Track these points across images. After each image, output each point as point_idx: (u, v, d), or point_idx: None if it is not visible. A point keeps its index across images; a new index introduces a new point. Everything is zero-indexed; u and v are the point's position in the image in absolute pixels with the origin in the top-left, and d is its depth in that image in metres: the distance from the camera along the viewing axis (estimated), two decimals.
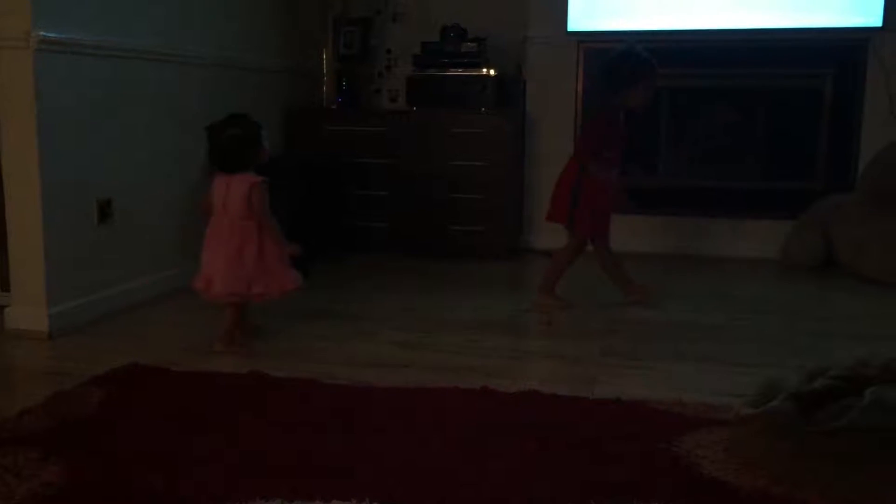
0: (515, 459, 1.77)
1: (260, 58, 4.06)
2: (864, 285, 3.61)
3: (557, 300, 3.22)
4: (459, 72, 4.26)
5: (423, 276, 2.93)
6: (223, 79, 3.71)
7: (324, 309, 3.12)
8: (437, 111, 4.20)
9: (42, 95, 2.66)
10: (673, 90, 3.35)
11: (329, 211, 4.09)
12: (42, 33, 2.61)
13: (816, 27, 4.04)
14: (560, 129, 4.38)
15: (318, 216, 3.95)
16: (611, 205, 3.18)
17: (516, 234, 4.40)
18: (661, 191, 4.31)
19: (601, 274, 3.26)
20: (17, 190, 2.72)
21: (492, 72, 4.24)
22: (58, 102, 2.73)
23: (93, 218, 2.95)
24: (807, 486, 1.54)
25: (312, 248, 3.81)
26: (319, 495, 1.57)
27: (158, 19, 3.25)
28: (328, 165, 4.10)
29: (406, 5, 4.65)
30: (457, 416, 2.01)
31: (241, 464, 1.74)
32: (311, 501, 1.54)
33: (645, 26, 4.19)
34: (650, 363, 2.53)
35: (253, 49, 4.00)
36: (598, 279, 3.32)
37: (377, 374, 2.36)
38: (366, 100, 4.71)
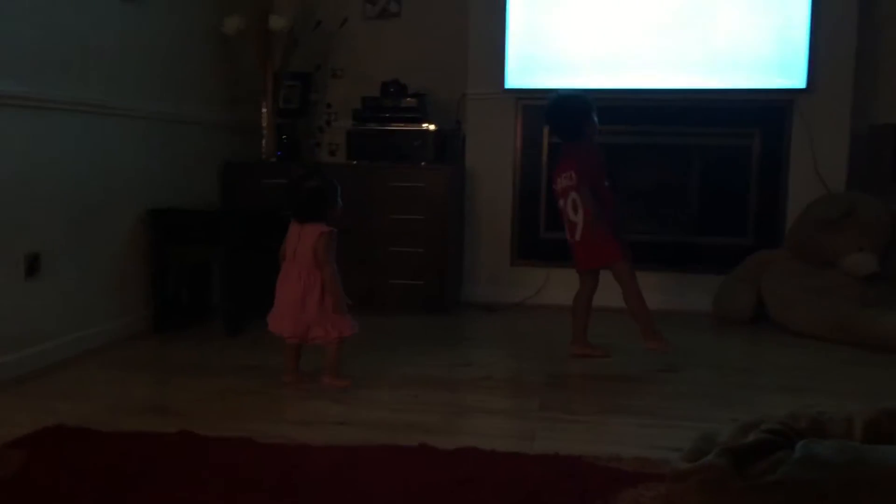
0: None
1: (199, 111, 4.03)
2: (792, 339, 3.70)
3: (593, 348, 3.27)
4: (400, 126, 4.31)
5: (361, 330, 2.90)
6: (161, 132, 3.67)
7: (258, 365, 3.06)
8: (378, 165, 4.22)
9: None
10: (607, 147, 3.44)
11: (266, 265, 4.03)
12: None
13: (745, 88, 4.20)
14: (499, 182, 4.45)
15: (255, 271, 3.89)
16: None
17: (456, 287, 4.41)
18: None
19: (546, 325, 3.27)
20: None
21: (431, 126, 4.30)
22: None
23: (20, 272, 2.86)
24: None
25: (247, 305, 3.76)
26: None
27: (93, 73, 3.21)
28: (267, 220, 4.05)
29: (346, 61, 4.69)
30: (394, 476, 1.97)
31: None
32: None
33: (580, 84, 4.29)
34: (588, 417, 2.54)
35: (192, 103, 3.97)
36: (539, 331, 3.33)
37: (313, 433, 2.31)
38: (305, 154, 4.71)
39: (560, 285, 4.30)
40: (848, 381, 3.04)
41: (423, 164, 4.20)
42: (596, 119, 3.24)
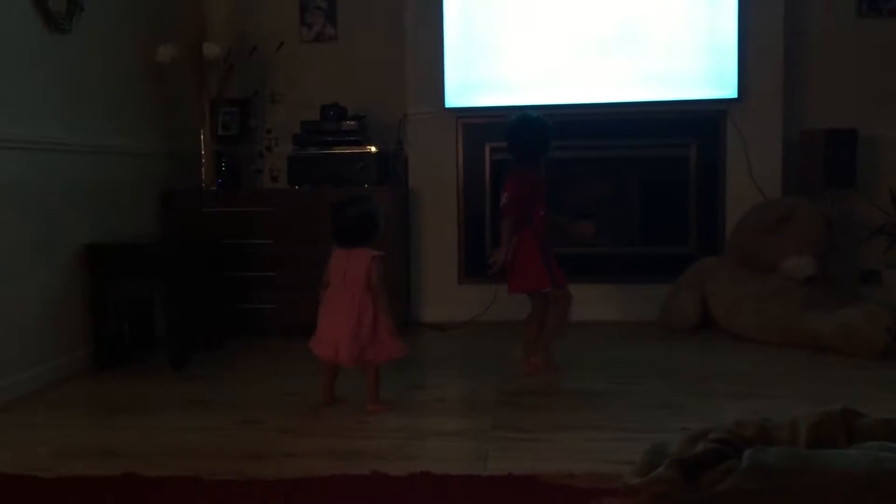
0: None
1: (135, 142, 3.96)
2: (738, 343, 3.76)
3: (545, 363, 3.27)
4: (341, 149, 4.28)
5: (308, 358, 2.86)
6: (96, 165, 3.59)
7: (203, 399, 3.00)
8: (320, 189, 4.19)
9: None
10: (548, 161, 3.48)
11: (211, 296, 3.97)
12: None
13: (679, 100, 4.28)
14: (443, 201, 4.45)
15: (199, 302, 3.83)
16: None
17: (405, 308, 4.39)
18: None
19: (496, 343, 3.26)
20: None
21: (373, 148, 4.28)
22: None
23: None
24: None
25: (192, 336, 3.69)
26: None
27: (22, 107, 3.13)
28: (209, 249, 3.99)
29: (284, 86, 4.66)
30: None
31: None
32: None
33: (519, 101, 4.33)
34: (542, 434, 2.53)
35: (128, 133, 3.90)
36: (489, 349, 3.33)
37: (262, 467, 2.26)
38: (247, 180, 4.66)
39: (509, 302, 4.30)
40: (794, 383, 3.09)
41: (366, 186, 4.18)
42: (548, 144, 3.24)
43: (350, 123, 4.34)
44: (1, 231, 3.00)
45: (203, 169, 4.32)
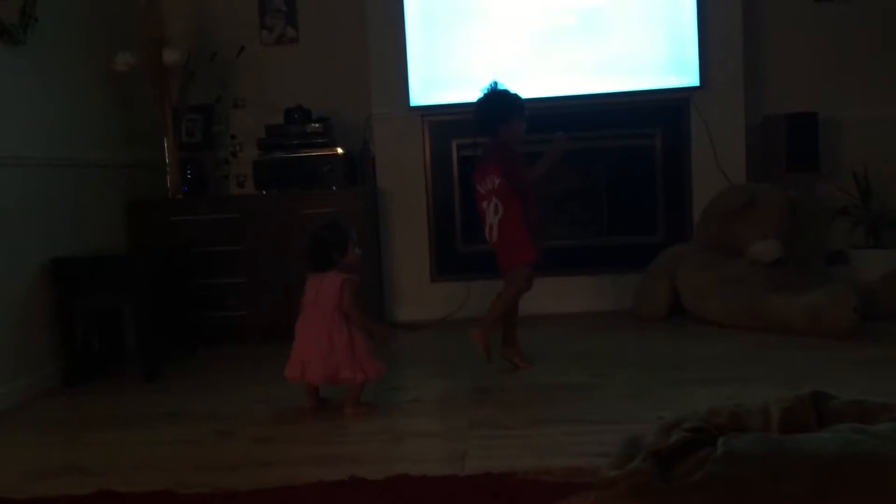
0: None
1: (97, 153, 3.90)
2: (709, 329, 3.80)
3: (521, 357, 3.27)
4: (307, 152, 4.25)
5: (282, 364, 2.84)
6: (56, 177, 3.53)
7: (174, 411, 2.96)
8: (287, 193, 4.16)
9: None
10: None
11: (181, 305, 3.93)
12: None
13: (643, 90, 4.31)
14: (412, 200, 4.44)
15: (169, 312, 3.79)
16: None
17: (378, 308, 4.37)
18: None
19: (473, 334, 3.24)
20: None
21: (339, 150, 4.26)
22: None
23: None
24: None
25: (163, 347, 3.65)
26: None
27: None
28: (177, 258, 3.95)
29: (247, 90, 4.62)
30: None
31: None
32: None
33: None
34: (518, 431, 2.54)
35: (89, 144, 3.84)
36: (464, 347, 3.33)
37: (238, 477, 2.24)
38: (213, 187, 4.61)
39: (482, 298, 4.28)
40: (765, 367, 3.13)
41: (333, 188, 4.16)
42: (520, 122, 3.24)
43: (315, 126, 4.31)
44: None
45: (168, 177, 4.27)
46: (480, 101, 3.26)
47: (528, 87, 4.29)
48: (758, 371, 3.06)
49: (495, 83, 3.27)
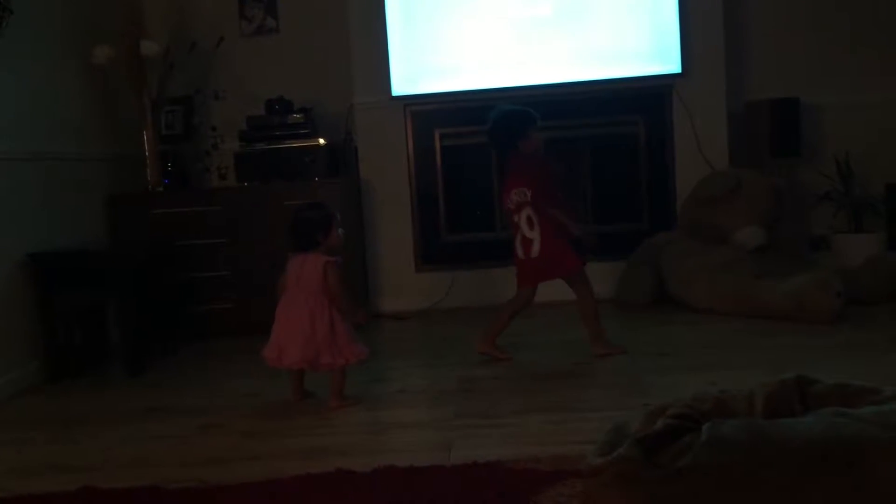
0: None
1: (77, 146, 3.86)
2: (694, 315, 3.81)
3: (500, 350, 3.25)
4: (289, 143, 4.23)
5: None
6: (34, 171, 3.48)
7: (161, 405, 2.95)
8: (270, 185, 4.13)
9: None
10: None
11: (164, 300, 3.91)
12: None
13: (625, 77, 4.30)
14: (395, 190, 4.43)
15: (152, 307, 3.76)
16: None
17: (363, 299, 4.36)
18: (499, 242, 4.38)
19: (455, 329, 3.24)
20: None
21: (321, 141, 4.24)
22: None
23: None
24: None
25: (147, 341, 3.62)
26: None
27: None
28: (160, 251, 3.92)
29: (227, 82, 4.58)
30: None
31: None
32: None
33: (466, 86, 4.32)
34: (504, 420, 2.54)
35: (68, 138, 3.80)
36: (449, 336, 3.33)
37: (225, 472, 2.23)
38: (194, 180, 4.57)
39: (466, 287, 4.32)
40: (750, 352, 3.15)
41: (316, 179, 4.14)
42: (536, 133, 3.21)
43: (297, 116, 4.29)
44: None
45: (148, 170, 4.23)
46: (491, 127, 3.23)
47: (511, 76, 4.32)
48: (742, 357, 3.08)
49: (498, 107, 3.26)
